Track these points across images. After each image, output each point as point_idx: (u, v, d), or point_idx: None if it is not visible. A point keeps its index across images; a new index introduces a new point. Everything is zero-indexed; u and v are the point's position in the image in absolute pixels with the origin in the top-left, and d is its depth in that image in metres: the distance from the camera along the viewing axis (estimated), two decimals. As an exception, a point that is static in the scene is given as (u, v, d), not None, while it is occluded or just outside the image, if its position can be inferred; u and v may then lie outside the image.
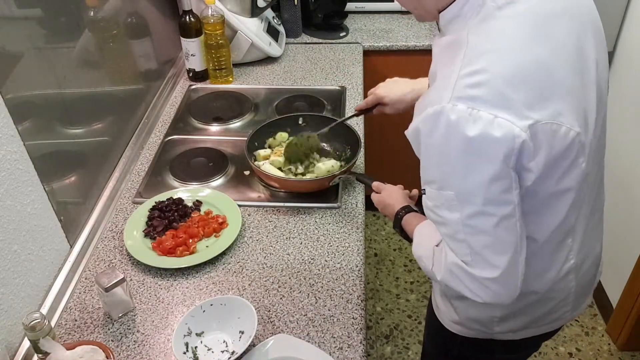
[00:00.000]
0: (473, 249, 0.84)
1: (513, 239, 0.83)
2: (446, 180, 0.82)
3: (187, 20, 1.77)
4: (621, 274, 2.04)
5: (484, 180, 0.78)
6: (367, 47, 2.11)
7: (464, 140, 0.76)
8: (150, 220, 1.30)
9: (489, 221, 0.81)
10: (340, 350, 1.04)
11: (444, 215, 0.85)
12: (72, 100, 1.33)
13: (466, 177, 0.79)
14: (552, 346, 2.12)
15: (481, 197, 0.79)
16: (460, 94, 0.76)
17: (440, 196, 0.83)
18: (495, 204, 0.80)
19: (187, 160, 1.53)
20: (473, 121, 0.75)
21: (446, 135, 0.77)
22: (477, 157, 0.77)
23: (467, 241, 0.84)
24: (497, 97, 0.75)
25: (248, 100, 1.79)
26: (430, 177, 0.85)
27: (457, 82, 0.77)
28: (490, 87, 0.76)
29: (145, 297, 1.16)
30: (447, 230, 0.86)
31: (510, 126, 0.75)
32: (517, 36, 0.79)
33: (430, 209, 0.88)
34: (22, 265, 1.08)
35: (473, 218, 0.81)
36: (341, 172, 1.35)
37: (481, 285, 0.85)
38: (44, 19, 1.21)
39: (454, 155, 0.78)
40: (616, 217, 2.11)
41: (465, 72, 0.77)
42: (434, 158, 0.82)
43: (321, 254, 1.24)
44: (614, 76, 2.15)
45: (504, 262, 0.83)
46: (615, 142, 2.12)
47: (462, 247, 0.85)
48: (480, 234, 0.83)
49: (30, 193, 1.10)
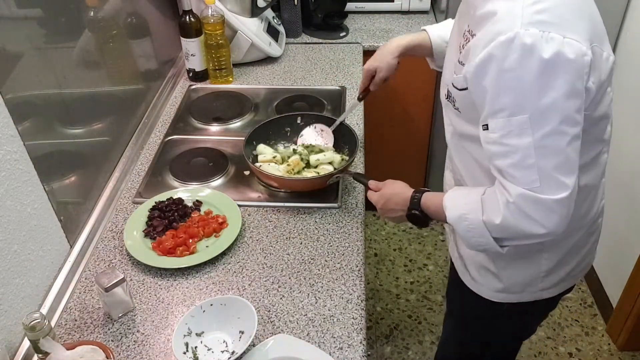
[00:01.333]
0: (543, 171, 0.86)
1: (577, 159, 0.87)
2: (520, 103, 0.84)
3: (187, 20, 1.77)
4: (621, 274, 2.04)
5: (559, 98, 0.82)
6: (367, 47, 2.11)
7: (540, 60, 0.81)
8: (150, 220, 1.30)
9: (562, 140, 0.85)
10: (340, 350, 1.04)
11: (513, 142, 0.86)
12: (72, 100, 1.33)
13: (542, 97, 0.82)
14: (552, 346, 2.12)
15: (557, 115, 0.83)
16: (530, 19, 0.82)
17: (509, 123, 0.85)
18: (569, 122, 0.84)
19: (187, 160, 1.53)
20: (546, 42, 0.80)
21: (522, 58, 0.81)
22: (553, 75, 0.81)
23: (537, 164, 0.85)
24: (563, 21, 0.83)
25: (248, 100, 1.79)
26: (501, 105, 0.86)
27: (524, 11, 0.83)
28: (556, 13, 0.83)
29: (145, 297, 1.16)
30: (514, 159, 0.87)
31: (579, 45, 0.82)
32: None
33: (494, 141, 0.89)
34: (22, 265, 1.08)
35: (547, 138, 0.84)
36: (338, 170, 1.35)
37: (548, 210, 0.87)
38: (44, 19, 1.21)
39: (531, 77, 0.82)
40: (616, 217, 2.11)
41: (529, 2, 0.83)
42: (507, 83, 0.84)
43: (321, 254, 1.24)
44: (614, 76, 2.15)
45: (572, 182, 0.87)
46: (615, 142, 2.12)
47: (531, 173, 0.86)
48: (552, 155, 0.85)
49: (30, 193, 1.10)
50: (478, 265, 1.16)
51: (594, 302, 2.28)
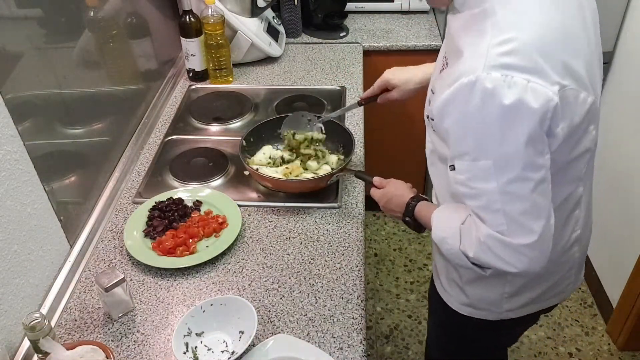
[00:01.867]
0: (510, 216, 0.85)
1: (547, 203, 0.86)
2: (483, 149, 0.83)
3: (187, 20, 1.77)
4: (621, 274, 2.04)
5: (521, 145, 0.80)
6: (367, 47, 2.11)
7: (501, 107, 0.78)
8: (150, 220, 1.30)
9: (526, 186, 0.83)
10: (340, 350, 1.04)
11: (479, 186, 0.85)
12: (72, 100, 1.33)
13: (504, 143, 0.80)
14: (552, 346, 2.12)
15: (519, 162, 0.81)
16: (493, 62, 0.78)
17: (474, 167, 0.84)
18: (532, 168, 0.82)
19: (187, 160, 1.53)
20: (508, 87, 0.77)
21: (482, 103, 0.79)
22: (514, 122, 0.79)
23: (504, 209, 0.84)
24: (529, 63, 0.78)
25: (248, 100, 1.79)
26: (464, 149, 0.85)
27: (489, 51, 0.79)
28: (522, 54, 0.78)
29: (145, 297, 1.16)
30: (482, 202, 0.86)
31: (543, 90, 0.78)
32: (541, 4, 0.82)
33: (461, 183, 0.88)
34: (22, 265, 1.08)
35: (511, 184, 0.83)
36: (338, 170, 1.35)
37: (517, 253, 0.86)
38: (44, 19, 1.21)
39: (491, 123, 0.80)
40: (616, 217, 2.11)
41: (497, 42, 0.79)
42: (469, 128, 0.83)
43: (321, 254, 1.24)
44: (614, 76, 2.15)
45: (540, 227, 0.85)
46: (615, 142, 2.12)
47: (498, 217, 0.85)
48: (517, 201, 0.84)
49: (30, 193, 1.10)
50: (447, 276, 1.16)
51: (594, 302, 2.28)
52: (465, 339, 1.25)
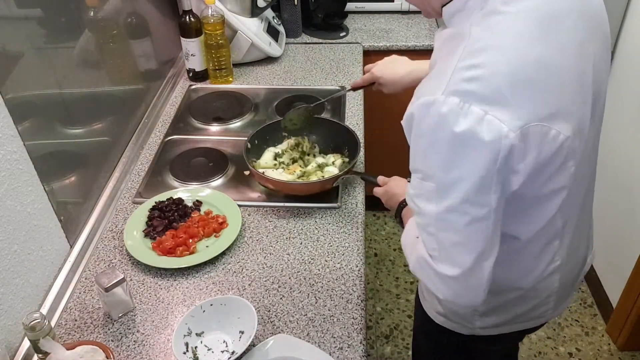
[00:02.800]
0: (441, 244, 0.83)
1: (481, 242, 0.82)
2: (429, 171, 0.81)
3: (187, 20, 1.77)
4: (621, 274, 2.04)
5: (464, 177, 0.77)
6: (367, 47, 2.11)
7: (452, 134, 0.75)
8: (150, 220, 1.30)
9: (461, 219, 0.80)
10: (340, 350, 1.04)
11: (421, 205, 0.84)
12: (72, 100, 1.33)
13: (448, 171, 0.78)
14: (552, 346, 2.12)
15: (459, 194, 0.78)
16: (454, 86, 0.75)
17: (421, 186, 0.83)
18: (471, 203, 0.79)
19: (187, 160, 1.53)
20: (463, 115, 0.73)
21: (435, 126, 0.76)
22: (462, 153, 0.76)
23: (436, 235, 0.83)
24: (492, 94, 0.74)
25: (248, 100, 1.79)
26: (416, 166, 0.84)
27: (453, 75, 0.76)
28: (486, 83, 0.74)
29: (145, 297, 1.16)
30: (421, 221, 0.86)
31: (499, 125, 0.73)
32: (521, 34, 0.77)
33: (411, 197, 0.87)
34: (22, 265, 1.08)
35: (447, 213, 0.80)
36: (344, 172, 1.35)
37: (443, 282, 0.86)
38: (44, 19, 1.21)
39: (440, 148, 0.77)
40: (616, 217, 2.11)
41: (463, 65, 0.76)
42: (421, 147, 0.81)
43: (321, 254, 1.24)
44: (614, 76, 2.15)
45: (467, 263, 0.82)
46: (614, 142, 2.12)
47: (431, 240, 0.85)
48: (449, 231, 0.82)
49: (30, 193, 1.10)
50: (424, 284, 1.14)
51: (594, 302, 2.28)
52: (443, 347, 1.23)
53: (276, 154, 1.49)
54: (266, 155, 1.49)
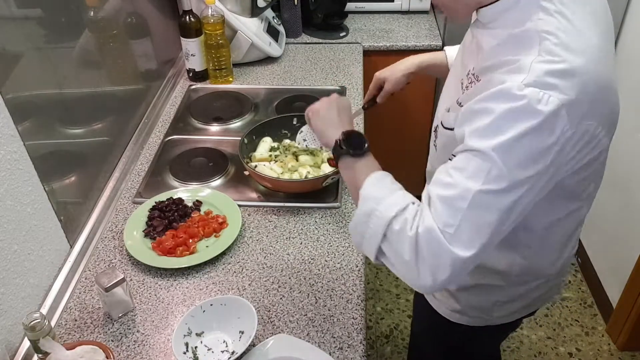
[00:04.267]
0: (465, 221, 0.78)
1: (497, 229, 0.80)
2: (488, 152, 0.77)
3: (187, 20, 1.77)
4: (621, 274, 2.04)
5: (520, 164, 0.76)
6: (367, 47, 2.11)
7: (524, 120, 0.74)
8: (150, 220, 1.30)
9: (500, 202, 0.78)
10: (340, 350, 1.04)
11: (459, 179, 0.79)
12: (72, 100, 1.33)
13: (507, 154, 0.76)
14: (552, 346, 2.12)
15: (509, 178, 0.77)
16: (534, 77, 0.75)
17: (469, 162, 0.79)
18: (515, 189, 0.78)
19: (187, 160, 1.53)
20: (539, 102, 0.74)
21: (508, 110, 0.75)
22: (528, 140, 0.75)
23: (464, 212, 0.78)
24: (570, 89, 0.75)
25: (248, 100, 1.79)
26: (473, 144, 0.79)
27: (533, 67, 0.76)
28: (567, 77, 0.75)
29: (145, 297, 1.16)
30: (448, 193, 0.79)
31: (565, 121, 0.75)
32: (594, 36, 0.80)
33: (445, 169, 0.82)
34: (22, 265, 1.08)
35: (488, 195, 0.77)
36: (334, 172, 1.35)
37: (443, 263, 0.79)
38: (44, 19, 1.21)
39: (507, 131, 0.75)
40: (616, 217, 2.11)
41: (544, 59, 0.76)
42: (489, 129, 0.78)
43: (321, 254, 1.24)
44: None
45: (483, 244, 0.79)
46: (615, 143, 2.12)
47: (453, 215, 0.78)
48: (486, 210, 0.78)
49: (30, 193, 1.10)
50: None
51: (594, 302, 2.28)
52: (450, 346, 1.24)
53: (272, 146, 1.49)
54: (262, 145, 1.49)
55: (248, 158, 1.45)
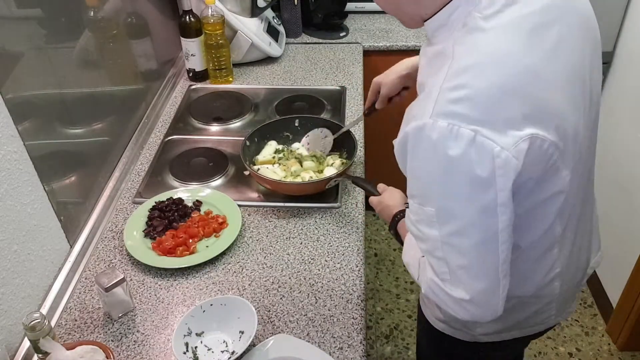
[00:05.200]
0: (451, 267, 0.82)
1: (493, 262, 0.80)
2: (427, 196, 0.80)
3: (187, 20, 1.77)
4: (621, 274, 2.04)
5: (463, 201, 0.76)
6: (367, 47, 2.11)
7: (445, 159, 0.73)
8: (150, 220, 1.30)
9: (467, 241, 0.78)
10: (340, 350, 1.04)
11: (424, 230, 0.83)
12: (72, 100, 1.33)
13: (446, 196, 0.77)
14: (552, 346, 2.12)
15: (462, 218, 0.77)
16: (441, 109, 0.74)
17: (421, 211, 0.81)
18: (476, 226, 0.77)
19: (187, 160, 1.53)
20: (454, 139, 0.72)
21: (428, 152, 0.75)
22: (458, 176, 0.74)
23: (445, 259, 0.82)
24: (479, 114, 0.72)
25: (248, 100, 1.79)
26: (413, 191, 0.83)
27: (439, 96, 0.74)
28: (472, 103, 0.73)
29: (145, 297, 1.16)
30: (427, 247, 0.84)
31: (491, 146, 0.72)
32: (504, 48, 0.76)
33: (412, 222, 0.86)
34: (22, 265, 1.08)
35: (452, 237, 0.79)
36: (337, 174, 1.35)
37: (457, 304, 0.84)
38: (44, 19, 1.21)
39: (435, 173, 0.76)
40: (616, 217, 2.11)
41: (448, 86, 0.75)
42: (416, 172, 0.80)
43: (321, 254, 1.24)
44: (614, 76, 2.15)
45: (480, 285, 0.81)
46: (615, 142, 2.12)
47: (441, 264, 0.83)
48: (457, 254, 0.80)
49: (30, 193, 1.10)
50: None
51: (594, 302, 2.28)
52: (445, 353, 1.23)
53: (277, 149, 1.49)
54: (267, 149, 1.50)
55: (250, 161, 1.45)
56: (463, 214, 0.77)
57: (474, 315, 0.85)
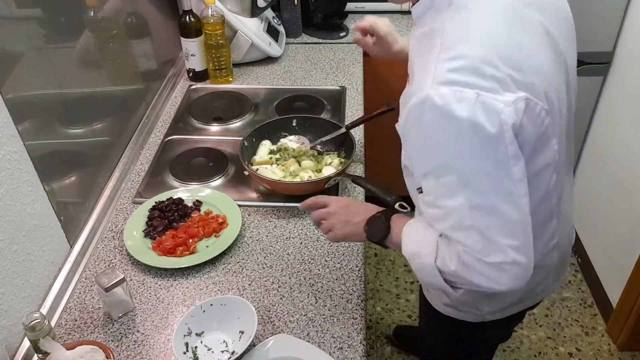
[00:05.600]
0: (482, 233, 0.81)
1: (520, 217, 0.82)
2: (443, 165, 0.80)
3: (187, 20, 1.77)
4: (621, 274, 2.04)
5: (479, 159, 0.78)
6: (367, 47, 2.11)
7: (454, 122, 0.76)
8: (150, 220, 1.30)
9: (490, 200, 0.80)
10: (340, 350, 1.04)
11: (447, 204, 0.82)
12: (72, 100, 1.33)
13: (463, 158, 0.78)
14: (552, 346, 2.12)
15: (479, 177, 0.79)
16: (441, 78, 0.76)
17: (439, 185, 0.82)
18: (494, 182, 0.79)
19: (187, 160, 1.53)
20: (459, 102, 0.75)
21: (435, 120, 0.77)
22: (470, 137, 0.76)
23: (475, 225, 0.81)
24: (477, 79, 0.76)
25: (248, 100, 1.79)
26: (426, 168, 0.83)
27: (437, 68, 0.77)
28: (469, 71, 0.76)
29: (145, 297, 1.16)
30: (452, 221, 0.83)
31: (494, 103, 0.76)
32: (493, 22, 0.81)
33: (430, 204, 0.86)
34: (22, 265, 1.08)
35: (476, 198, 0.80)
36: (336, 174, 1.34)
37: (497, 269, 0.83)
38: (44, 19, 1.21)
39: (447, 138, 0.78)
40: (616, 217, 2.11)
41: (444, 57, 0.78)
42: (427, 146, 0.81)
43: (321, 254, 1.24)
44: (614, 76, 2.16)
45: (514, 242, 0.82)
46: (615, 142, 2.13)
47: (471, 234, 0.82)
48: (485, 216, 0.81)
49: (30, 193, 1.10)
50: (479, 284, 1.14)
51: (594, 302, 2.28)
52: (453, 338, 1.24)
53: (271, 150, 1.49)
54: (261, 149, 1.50)
55: (249, 161, 1.45)
56: (481, 173, 0.79)
57: (517, 277, 0.84)
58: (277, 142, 1.53)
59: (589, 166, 2.33)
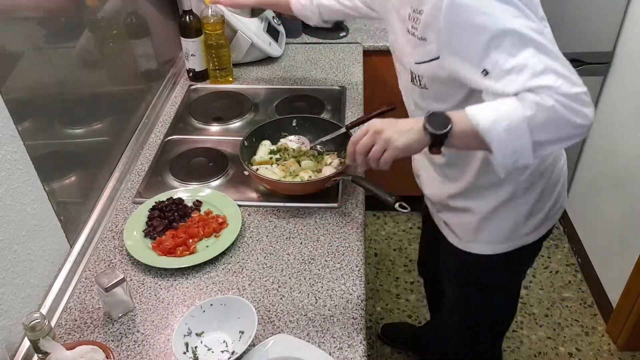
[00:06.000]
0: (556, 71, 0.88)
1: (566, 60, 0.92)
2: (500, 27, 0.88)
3: (187, 20, 1.77)
4: (621, 274, 2.04)
5: (525, 17, 0.89)
6: (367, 47, 2.11)
7: None
8: (150, 220, 1.30)
9: (549, 45, 0.90)
10: (340, 350, 1.04)
11: (517, 61, 0.88)
12: (72, 100, 1.33)
13: (512, 13, 0.88)
14: (552, 346, 2.12)
15: (528, 23, 0.89)
16: None
17: (503, 50, 0.88)
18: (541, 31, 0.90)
19: (187, 160, 1.53)
20: None
21: None
22: None
23: (548, 67, 0.88)
24: None
25: (248, 100, 1.79)
26: (484, 41, 0.89)
27: None
28: None
29: (145, 297, 1.16)
30: (529, 72, 0.88)
31: None
32: None
33: (501, 74, 0.90)
34: (22, 265, 1.08)
35: (538, 44, 0.89)
36: (336, 173, 1.34)
37: (580, 100, 0.88)
38: (44, 19, 1.21)
39: (491, 4, 0.88)
40: (616, 217, 2.11)
41: None
42: (477, 20, 0.89)
43: (321, 254, 1.24)
44: (614, 76, 2.16)
45: (577, 77, 0.90)
46: (614, 141, 2.13)
47: (548, 75, 0.87)
48: (551, 58, 0.89)
49: (30, 193, 1.10)
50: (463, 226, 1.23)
51: (594, 302, 2.28)
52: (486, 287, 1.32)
53: (271, 150, 1.49)
54: (261, 149, 1.50)
55: (249, 161, 1.45)
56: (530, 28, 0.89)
57: (591, 107, 0.90)
58: (277, 142, 1.53)
59: (589, 166, 2.33)
